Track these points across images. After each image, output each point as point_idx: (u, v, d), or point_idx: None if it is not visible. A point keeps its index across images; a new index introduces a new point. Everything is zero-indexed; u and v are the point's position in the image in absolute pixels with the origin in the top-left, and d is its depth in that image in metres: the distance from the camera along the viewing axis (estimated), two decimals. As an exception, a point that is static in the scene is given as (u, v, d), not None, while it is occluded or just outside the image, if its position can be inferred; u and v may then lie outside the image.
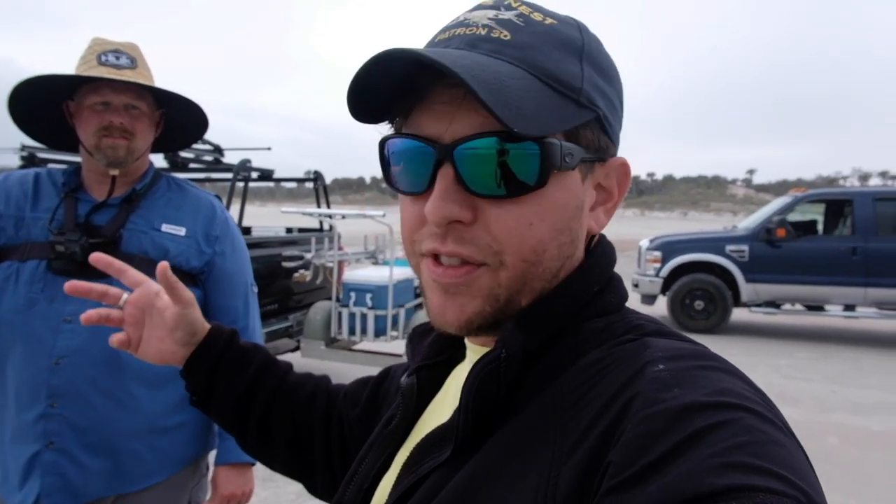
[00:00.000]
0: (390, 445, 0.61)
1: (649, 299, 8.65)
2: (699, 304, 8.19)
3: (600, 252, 0.54)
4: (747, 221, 9.01)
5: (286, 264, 4.85)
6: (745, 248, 8.07)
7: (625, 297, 0.54)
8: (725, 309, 8.10)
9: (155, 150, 1.50)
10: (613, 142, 0.52)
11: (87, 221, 1.36)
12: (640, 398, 0.38)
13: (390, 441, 0.61)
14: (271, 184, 5.85)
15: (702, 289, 8.16)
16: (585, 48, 0.49)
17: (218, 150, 5.14)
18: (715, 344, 7.50)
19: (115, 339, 0.79)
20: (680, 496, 0.32)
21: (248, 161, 4.92)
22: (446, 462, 0.49)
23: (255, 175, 5.33)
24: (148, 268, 1.36)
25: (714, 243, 8.33)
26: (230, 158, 5.27)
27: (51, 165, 1.31)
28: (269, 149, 5.47)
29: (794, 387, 5.66)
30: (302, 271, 4.87)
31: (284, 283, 4.98)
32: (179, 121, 1.51)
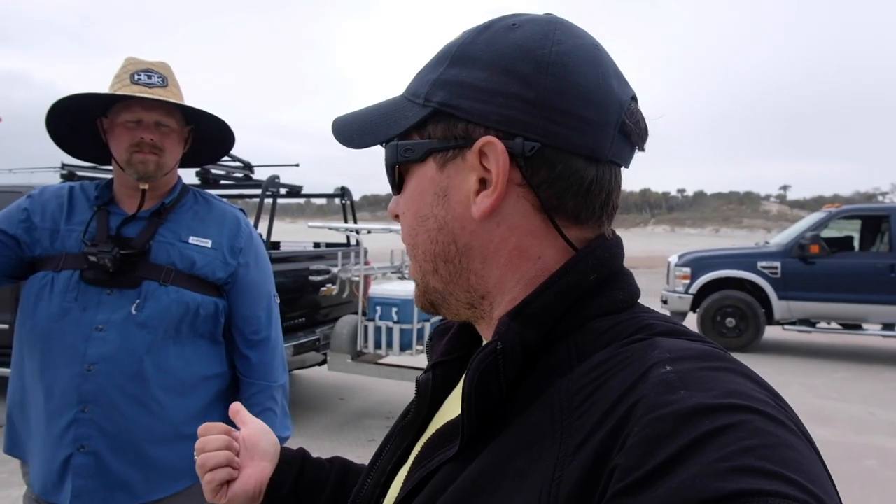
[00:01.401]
0: (406, 439, 0.62)
1: (679, 316, 8.50)
2: (730, 322, 8.03)
3: (599, 244, 0.53)
4: (779, 238, 8.83)
5: (313, 278, 4.91)
6: (777, 264, 7.90)
7: (636, 294, 0.53)
8: (758, 327, 7.93)
9: (183, 164, 1.56)
10: (481, 124, 0.51)
11: (118, 233, 1.41)
12: (645, 401, 0.38)
13: (406, 435, 0.62)
14: (301, 200, 5.96)
15: (733, 306, 8.01)
16: (455, 50, 0.54)
17: (248, 166, 5.26)
18: (747, 362, 7.20)
19: (218, 479, 0.75)
20: (686, 501, 0.32)
21: (277, 177, 5.02)
22: (455, 457, 0.49)
23: (283, 191, 5.43)
24: (176, 278, 1.41)
25: (745, 259, 8.17)
26: (260, 175, 5.38)
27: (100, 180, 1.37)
28: (297, 165, 5.58)
29: (830, 407, 5.49)
30: (329, 285, 4.92)
31: (312, 297, 5.03)
32: (207, 136, 1.56)
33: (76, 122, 1.44)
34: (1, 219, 1.41)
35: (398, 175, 0.57)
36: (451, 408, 0.59)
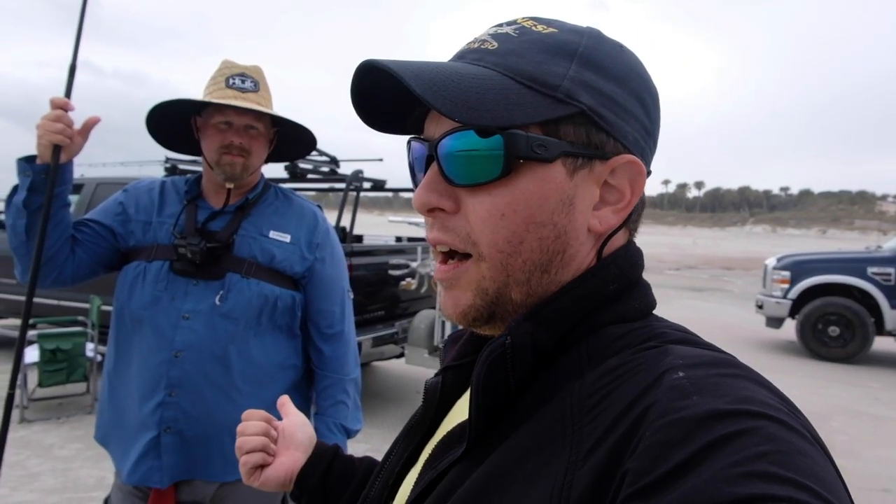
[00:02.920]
0: (413, 442, 0.63)
1: (775, 322, 8.01)
2: (834, 331, 7.47)
3: (621, 254, 0.53)
4: (894, 242, 8.10)
5: (393, 272, 5.00)
6: (891, 270, 7.28)
7: (651, 304, 0.54)
8: (865, 337, 7.33)
9: (267, 160, 1.62)
10: (618, 140, 0.51)
11: (204, 227, 1.49)
12: (658, 405, 0.38)
13: (413, 438, 0.63)
14: (389, 194, 6.06)
15: (837, 313, 7.45)
16: (581, 50, 0.51)
17: (334, 160, 5.42)
18: (853, 375, 6.80)
19: (252, 462, 0.80)
20: None
21: (361, 171, 5.14)
22: (464, 458, 0.49)
23: (367, 185, 5.55)
24: (257, 271, 1.47)
25: (854, 264, 7.58)
26: (346, 169, 5.53)
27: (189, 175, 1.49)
28: (380, 160, 5.68)
29: (948, 429, 4.99)
30: (408, 280, 4.99)
31: (391, 290, 5.13)
32: (291, 138, 1.63)
33: (173, 119, 1.54)
34: (99, 212, 1.53)
35: (507, 166, 0.48)
36: (461, 411, 0.58)
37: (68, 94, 1.40)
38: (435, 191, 0.51)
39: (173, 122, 1.55)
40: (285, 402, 0.89)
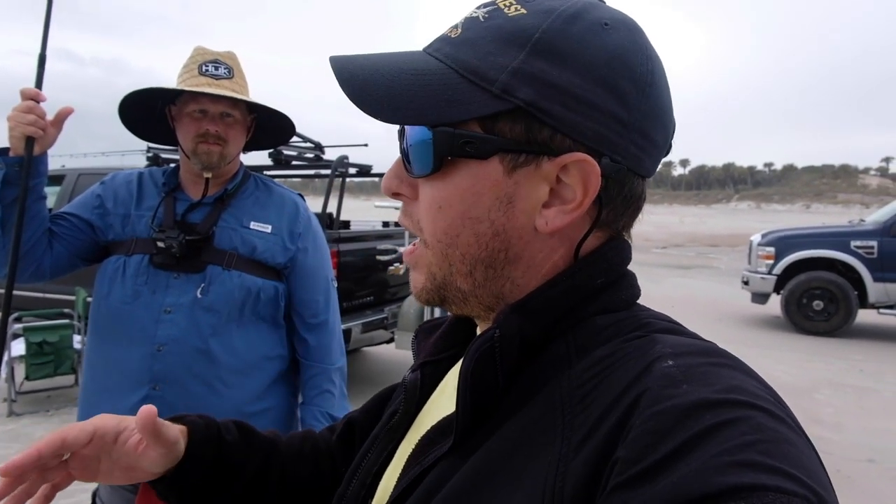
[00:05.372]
0: (393, 440, 0.61)
1: (761, 298, 8.11)
2: (818, 305, 7.57)
3: (611, 247, 0.52)
4: (877, 215, 8.19)
5: (381, 257, 4.99)
6: (873, 243, 7.36)
7: (636, 294, 0.53)
8: (849, 310, 7.45)
9: (245, 149, 1.60)
10: (568, 135, 0.47)
11: (183, 219, 1.47)
12: (648, 394, 0.38)
13: (393, 436, 0.62)
14: (375, 179, 6.02)
15: (821, 288, 7.54)
16: (538, 35, 0.47)
17: (318, 146, 5.37)
18: (838, 348, 6.91)
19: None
20: (687, 494, 0.32)
21: (346, 157, 5.10)
22: (451, 453, 0.49)
23: (352, 171, 5.51)
24: (238, 262, 1.46)
25: (837, 238, 7.66)
26: (331, 155, 5.49)
27: (173, 164, 1.46)
28: (366, 145, 5.63)
29: (929, 399, 5.09)
30: (396, 265, 4.98)
31: (380, 275, 5.12)
32: (269, 125, 1.60)
33: (148, 108, 1.51)
34: (76, 205, 1.50)
35: (437, 161, 0.49)
36: (437, 406, 0.58)
37: (39, 84, 1.37)
38: (397, 177, 0.54)
39: (149, 112, 1.52)
40: (151, 416, 0.65)
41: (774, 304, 8.14)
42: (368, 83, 0.49)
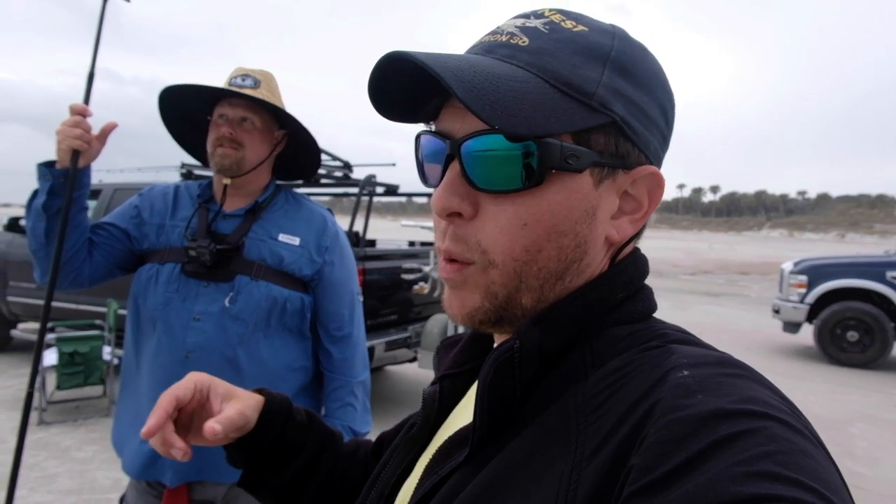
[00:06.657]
0: (412, 451, 0.62)
1: (792, 327, 7.91)
2: (853, 336, 7.35)
3: (630, 262, 0.53)
4: (915, 245, 7.97)
5: (406, 276, 5.01)
6: (911, 274, 7.15)
7: (653, 307, 0.54)
8: (885, 342, 7.22)
9: (285, 177, 1.69)
10: (642, 150, 0.51)
11: (215, 229, 1.51)
12: (663, 403, 0.38)
13: (411, 447, 0.62)
14: (403, 199, 6.07)
15: (856, 318, 7.33)
16: (613, 54, 0.49)
17: (347, 165, 5.45)
18: (873, 380, 6.69)
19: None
20: None
21: (374, 176, 5.17)
22: (466, 461, 0.49)
23: (379, 190, 5.58)
24: (266, 273, 1.49)
25: (872, 268, 7.46)
26: (359, 174, 5.57)
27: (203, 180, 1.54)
28: (393, 165, 5.71)
29: (970, 436, 4.89)
30: (421, 284, 5.00)
31: (404, 294, 5.14)
32: (303, 144, 1.64)
33: (195, 124, 1.57)
34: (115, 215, 1.56)
35: (539, 175, 0.47)
36: (458, 419, 0.58)
37: (87, 100, 1.44)
38: (456, 194, 0.49)
39: (195, 129, 1.58)
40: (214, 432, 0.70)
41: (806, 334, 7.94)
42: (476, 83, 0.44)
